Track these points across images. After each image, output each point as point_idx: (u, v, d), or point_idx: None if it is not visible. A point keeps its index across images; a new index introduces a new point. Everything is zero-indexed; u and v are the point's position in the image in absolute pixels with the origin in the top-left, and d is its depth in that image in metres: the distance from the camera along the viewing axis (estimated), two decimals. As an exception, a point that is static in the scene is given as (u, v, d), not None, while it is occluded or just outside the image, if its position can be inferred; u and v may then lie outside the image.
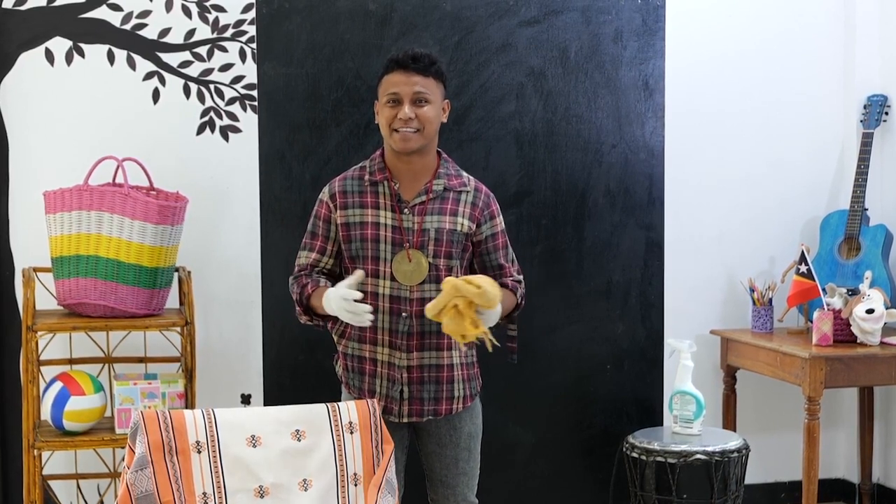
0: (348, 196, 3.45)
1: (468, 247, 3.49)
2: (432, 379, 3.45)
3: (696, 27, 4.97)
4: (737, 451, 4.37)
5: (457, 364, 3.49)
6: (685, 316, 4.99)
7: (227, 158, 4.52)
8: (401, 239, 3.40)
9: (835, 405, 5.16)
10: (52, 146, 4.38)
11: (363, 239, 3.41)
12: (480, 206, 3.50)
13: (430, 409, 3.46)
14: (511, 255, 3.59)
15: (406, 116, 3.35)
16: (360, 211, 3.43)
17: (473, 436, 3.58)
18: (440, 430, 3.51)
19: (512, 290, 3.52)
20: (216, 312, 4.53)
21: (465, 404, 3.52)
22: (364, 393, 3.47)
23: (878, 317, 4.47)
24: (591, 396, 4.89)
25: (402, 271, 3.39)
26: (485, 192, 3.54)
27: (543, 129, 4.76)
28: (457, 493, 3.56)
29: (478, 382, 3.59)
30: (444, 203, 3.45)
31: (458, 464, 3.54)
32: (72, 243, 4.03)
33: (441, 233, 3.41)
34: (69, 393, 3.99)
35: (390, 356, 3.43)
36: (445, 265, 3.42)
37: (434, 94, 3.41)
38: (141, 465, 3.12)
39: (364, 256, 3.41)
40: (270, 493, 3.21)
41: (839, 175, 5.14)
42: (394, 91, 3.38)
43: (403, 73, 3.38)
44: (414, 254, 3.39)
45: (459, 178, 3.51)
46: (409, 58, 3.38)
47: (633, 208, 4.87)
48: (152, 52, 4.44)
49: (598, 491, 4.85)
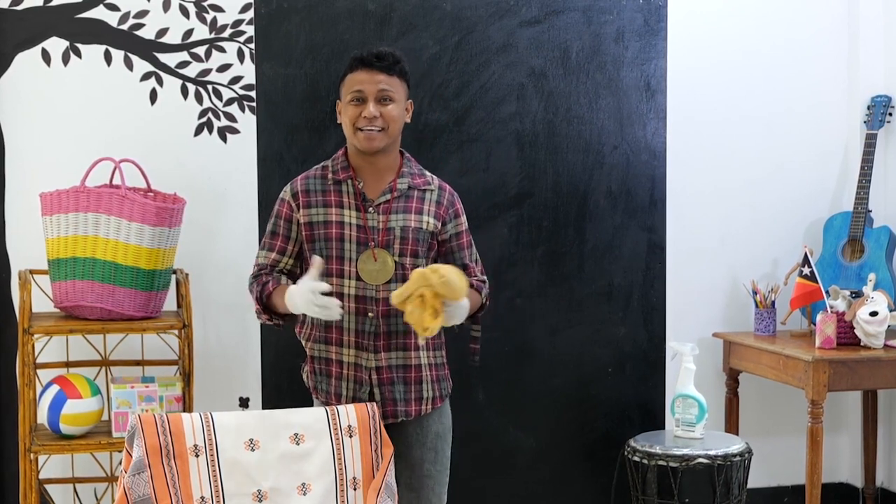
0: (311, 195, 3.43)
1: (433, 245, 3.47)
2: (401, 379, 3.42)
3: (699, 27, 4.95)
4: (739, 455, 4.36)
5: (425, 364, 3.46)
6: (687, 319, 4.97)
7: (226, 160, 4.51)
8: (366, 238, 3.38)
9: (838, 409, 5.14)
10: (49, 147, 4.36)
11: (328, 238, 3.39)
12: (445, 205, 3.49)
13: (403, 410, 3.43)
14: (475, 255, 3.57)
15: (371, 115, 3.33)
16: (324, 210, 3.41)
17: (441, 436, 3.52)
18: (407, 430, 3.47)
19: (477, 290, 3.50)
20: (214, 315, 4.52)
21: (434, 405, 3.48)
22: (330, 397, 3.44)
23: (882, 319, 4.45)
24: (593, 400, 4.86)
25: (368, 271, 3.37)
26: (449, 190, 3.53)
27: (544, 130, 4.74)
28: (421, 497, 3.48)
29: (448, 384, 3.56)
30: (409, 202, 3.43)
31: (424, 465, 3.48)
32: (68, 245, 4.02)
33: (407, 231, 3.39)
34: (66, 396, 3.98)
35: (356, 357, 3.40)
36: (411, 264, 3.39)
37: (398, 93, 3.39)
38: (138, 469, 3.11)
39: (328, 256, 3.38)
40: (269, 497, 3.19)
41: (842, 176, 5.12)
42: (358, 89, 3.36)
43: (367, 71, 3.36)
44: (379, 253, 3.37)
45: (423, 178, 3.49)
46: (373, 56, 3.36)
47: (634, 210, 4.85)
48: (150, 52, 4.42)
49: (600, 495, 4.83)
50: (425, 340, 3.32)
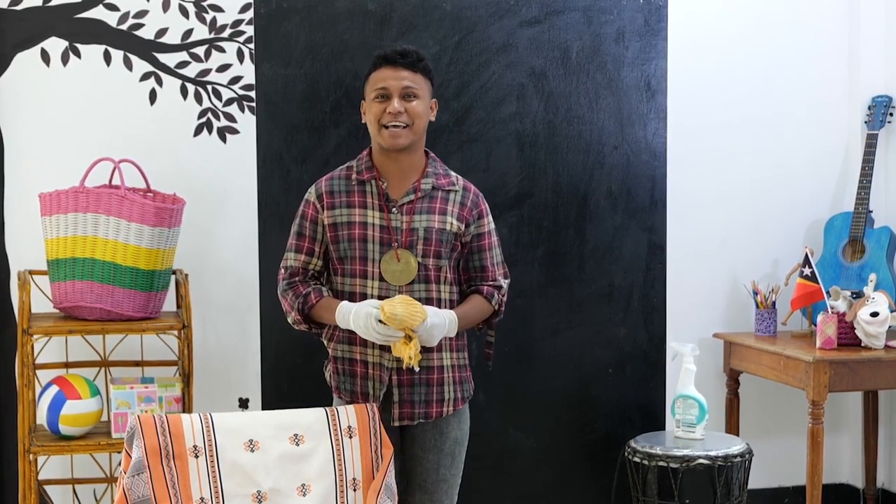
0: (335, 196, 3.42)
1: (457, 246, 3.46)
2: (422, 381, 3.41)
3: (699, 27, 4.95)
4: (740, 456, 4.35)
5: (447, 366, 3.45)
6: (688, 319, 4.97)
7: (225, 160, 4.50)
8: (389, 238, 3.37)
9: (839, 409, 5.14)
10: (48, 148, 4.35)
11: (351, 239, 3.38)
12: (469, 206, 3.47)
13: (421, 413, 3.42)
14: (497, 257, 3.54)
15: (395, 110, 3.33)
16: (348, 211, 3.40)
17: (459, 442, 3.52)
18: (426, 434, 3.46)
19: (487, 297, 3.48)
20: (214, 316, 4.51)
21: (455, 407, 3.47)
22: (357, 396, 3.43)
23: (883, 320, 4.44)
24: (593, 401, 4.86)
25: (391, 271, 3.36)
26: (473, 191, 3.52)
27: (544, 131, 4.74)
28: (434, 500, 3.49)
29: (470, 386, 3.55)
30: (433, 202, 3.42)
31: (440, 470, 3.48)
32: (68, 246, 4.01)
33: (430, 232, 3.38)
34: (65, 397, 3.97)
35: (380, 357, 3.39)
36: (434, 265, 3.38)
37: (422, 90, 3.39)
38: (138, 470, 3.10)
39: (352, 257, 3.38)
40: (269, 498, 3.19)
41: (843, 177, 5.11)
42: (382, 86, 3.36)
43: (392, 68, 3.36)
44: (402, 253, 3.36)
45: (448, 178, 3.49)
46: (396, 53, 3.37)
47: (635, 210, 4.85)
48: (149, 52, 4.41)
49: (600, 496, 4.82)
50: (418, 366, 3.32)
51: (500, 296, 3.52)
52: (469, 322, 3.46)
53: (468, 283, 3.51)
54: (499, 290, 3.51)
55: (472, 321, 3.47)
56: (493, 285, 3.50)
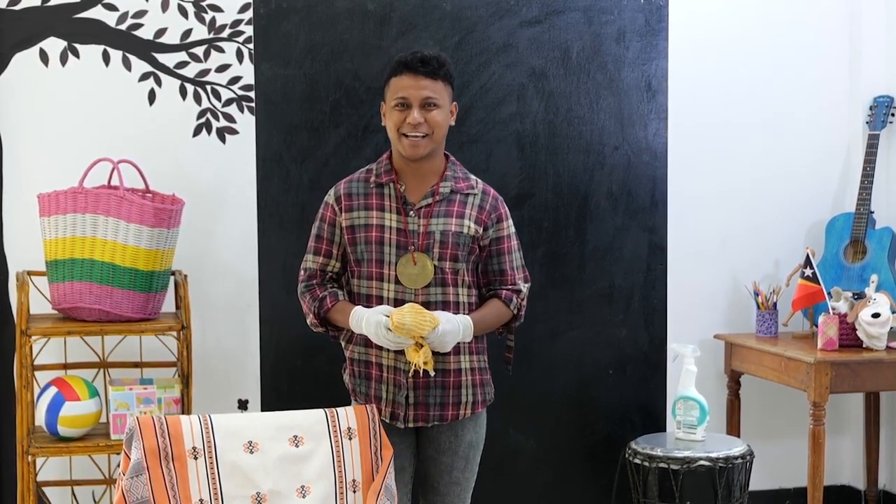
0: (353, 198, 3.42)
1: (475, 249, 3.44)
2: (438, 384, 3.39)
3: (700, 27, 4.95)
4: (741, 458, 4.34)
5: (466, 369, 3.44)
6: (689, 320, 4.96)
7: (224, 160, 4.50)
8: (405, 241, 3.36)
9: (840, 411, 5.13)
10: (47, 148, 4.35)
11: (368, 241, 3.38)
12: (488, 210, 3.45)
13: (436, 415, 3.41)
14: (517, 261, 3.53)
15: (415, 121, 3.32)
16: (365, 213, 3.40)
17: (474, 445, 3.52)
18: (441, 436, 3.46)
19: (505, 301, 3.46)
20: (213, 317, 4.50)
21: (473, 410, 3.47)
22: (371, 399, 3.43)
23: (885, 321, 4.43)
24: (594, 402, 4.84)
25: (407, 274, 3.35)
26: (493, 194, 3.50)
27: (545, 131, 4.73)
28: (446, 502, 3.50)
29: (490, 389, 3.55)
30: (451, 205, 3.41)
31: (453, 472, 3.48)
32: (66, 246, 4.01)
33: (447, 235, 3.37)
34: (64, 398, 3.97)
35: (396, 361, 3.37)
36: (451, 268, 3.37)
37: (443, 98, 3.38)
38: (136, 472, 3.10)
39: (368, 259, 3.38)
40: (268, 499, 3.18)
41: (845, 177, 5.11)
42: (402, 95, 3.34)
43: (412, 76, 3.34)
44: (419, 256, 3.34)
45: (467, 181, 3.48)
46: (417, 61, 3.33)
47: (635, 211, 4.83)
48: (148, 52, 4.41)
49: (601, 498, 4.81)
50: (433, 371, 3.32)
51: (520, 300, 3.50)
52: (486, 326, 3.44)
53: (487, 287, 3.50)
54: (518, 294, 3.49)
55: (490, 326, 3.46)
56: (511, 289, 3.48)
